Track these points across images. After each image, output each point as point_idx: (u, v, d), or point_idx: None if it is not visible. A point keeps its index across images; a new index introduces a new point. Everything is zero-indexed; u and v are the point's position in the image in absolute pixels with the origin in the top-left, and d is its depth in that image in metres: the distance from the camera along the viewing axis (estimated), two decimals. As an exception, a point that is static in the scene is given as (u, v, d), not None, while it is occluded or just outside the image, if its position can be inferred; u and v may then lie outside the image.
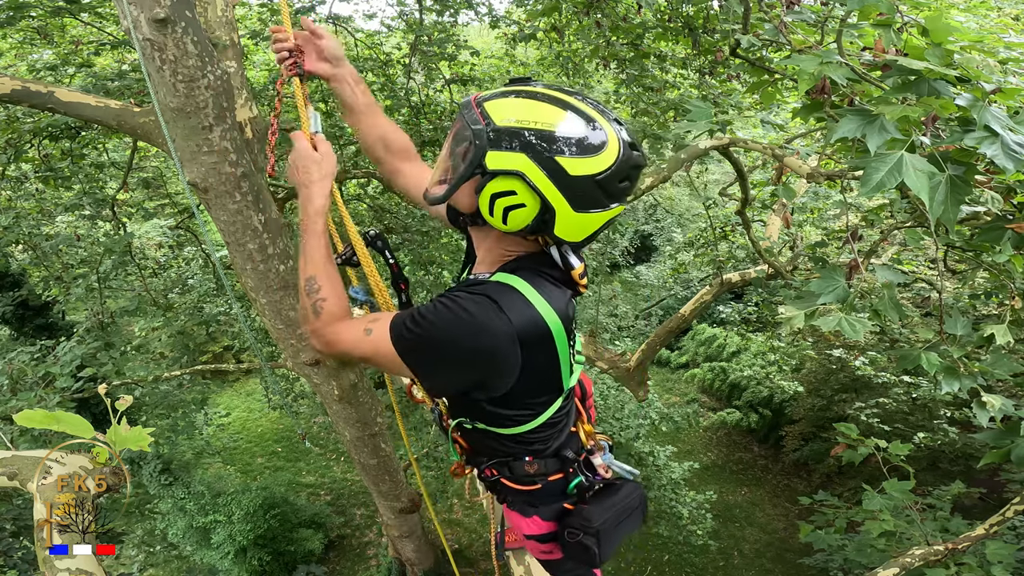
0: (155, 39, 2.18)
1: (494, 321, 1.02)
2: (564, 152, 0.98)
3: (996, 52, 1.67)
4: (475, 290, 1.06)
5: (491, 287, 1.07)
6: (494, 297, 1.03)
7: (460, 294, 1.06)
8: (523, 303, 1.05)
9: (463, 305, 1.03)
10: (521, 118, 1.00)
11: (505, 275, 1.10)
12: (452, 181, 1.07)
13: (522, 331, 1.04)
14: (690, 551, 7.95)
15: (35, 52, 5.30)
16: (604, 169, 1.00)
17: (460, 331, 1.02)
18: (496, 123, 1.00)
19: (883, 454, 3.19)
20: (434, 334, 1.04)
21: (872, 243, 3.68)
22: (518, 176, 0.99)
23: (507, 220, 1.04)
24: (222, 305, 6.92)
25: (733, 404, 10.57)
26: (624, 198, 1.06)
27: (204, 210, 3.13)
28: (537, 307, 1.06)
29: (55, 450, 1.24)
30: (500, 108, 1.02)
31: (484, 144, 1.00)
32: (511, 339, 1.03)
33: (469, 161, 1.02)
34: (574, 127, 1.00)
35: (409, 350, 1.07)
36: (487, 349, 1.03)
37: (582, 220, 1.03)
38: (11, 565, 5.26)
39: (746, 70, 3.29)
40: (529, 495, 1.33)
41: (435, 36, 5.28)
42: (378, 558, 7.73)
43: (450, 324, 1.03)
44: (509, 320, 1.02)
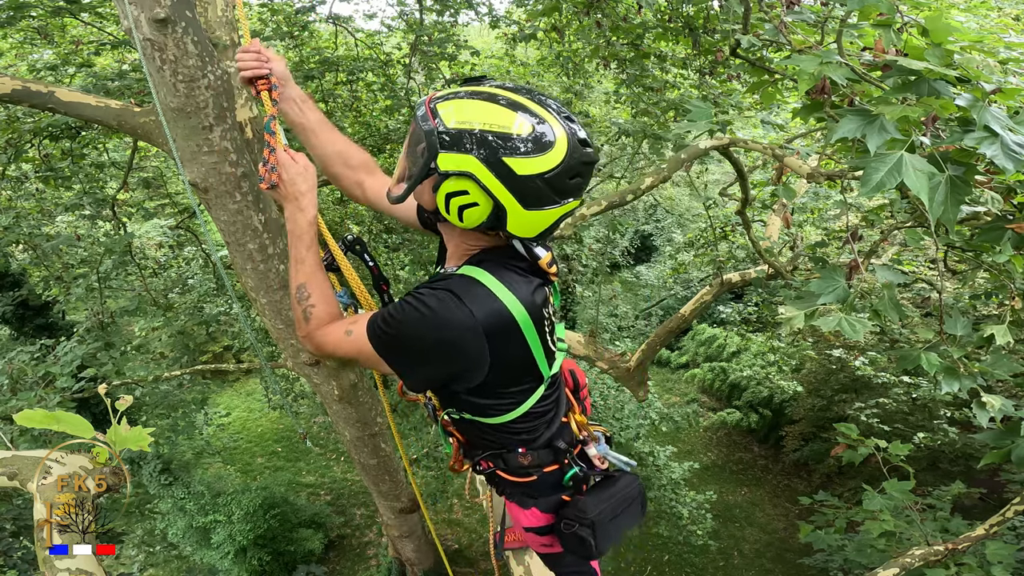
0: (155, 39, 2.18)
1: (456, 314, 1.05)
2: (511, 152, 1.00)
3: (996, 52, 1.67)
4: (438, 285, 1.09)
5: (454, 281, 1.10)
6: (456, 291, 1.07)
7: (424, 290, 1.09)
8: (486, 295, 1.08)
9: (425, 301, 1.07)
10: (470, 119, 1.02)
11: (469, 268, 1.13)
12: (409, 181, 1.11)
13: (486, 323, 1.06)
14: (690, 551, 7.95)
15: (35, 52, 5.30)
16: (552, 168, 1.02)
17: (424, 327, 1.06)
18: (446, 124, 1.03)
19: (883, 454, 3.19)
20: (402, 331, 1.09)
21: (872, 243, 3.68)
22: (468, 176, 1.02)
23: (463, 218, 1.07)
24: (222, 305, 6.92)
25: (733, 404, 10.57)
26: (577, 193, 1.08)
27: (204, 210, 3.13)
28: (501, 297, 1.08)
29: (55, 450, 1.24)
30: (451, 109, 1.04)
31: (435, 145, 1.03)
32: (475, 331, 1.06)
33: (423, 162, 1.05)
34: (522, 127, 1.01)
35: (384, 348, 1.13)
36: (451, 342, 1.06)
37: (533, 217, 1.06)
38: (11, 565, 5.26)
39: (746, 70, 3.29)
40: (526, 487, 1.35)
41: (435, 36, 5.28)
42: (378, 558, 7.73)
43: (415, 320, 1.07)
44: (471, 312, 1.05)
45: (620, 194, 4.20)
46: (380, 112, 5.98)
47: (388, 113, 5.94)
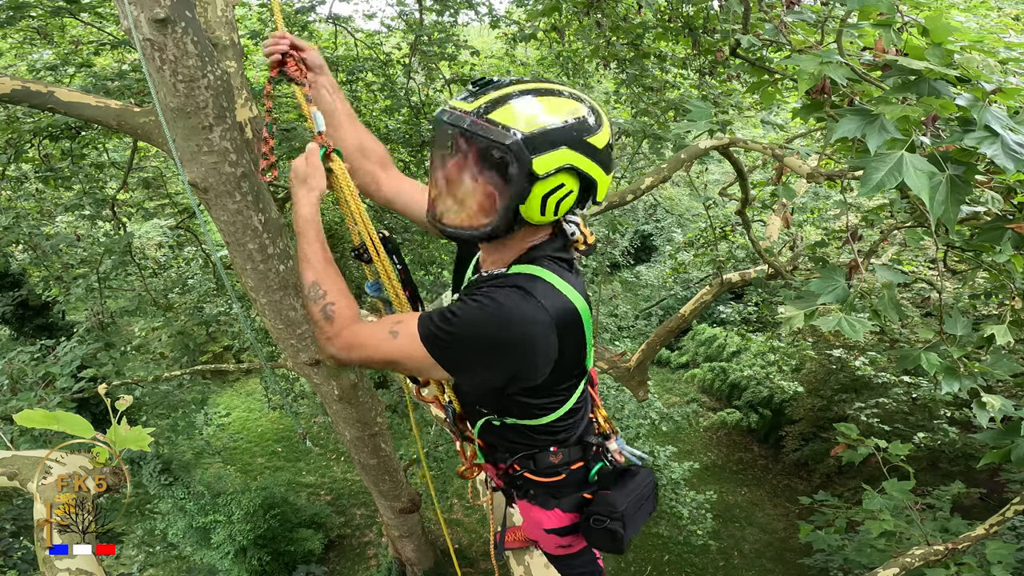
0: (155, 39, 2.18)
1: (529, 310, 1.03)
2: (588, 132, 1.04)
3: (996, 52, 1.67)
4: (502, 283, 1.06)
5: (518, 278, 1.07)
6: (523, 286, 1.04)
7: (489, 288, 1.05)
8: (551, 290, 1.06)
9: (495, 298, 1.03)
10: (548, 116, 1.02)
11: (525, 266, 1.11)
12: (503, 207, 1.04)
13: (557, 317, 1.05)
14: (690, 551, 7.95)
15: (35, 52, 5.30)
16: (610, 135, 1.10)
17: (496, 324, 1.02)
18: (525, 130, 1.00)
19: (883, 454, 3.19)
20: (469, 330, 1.03)
21: (872, 243, 3.68)
22: (566, 170, 1.03)
23: (557, 211, 1.07)
24: (222, 305, 6.92)
25: (733, 404, 10.56)
26: None
27: (204, 210, 3.13)
28: (565, 292, 1.07)
29: (55, 450, 1.24)
30: (516, 115, 1.01)
31: (526, 155, 0.99)
32: (548, 325, 1.04)
33: (517, 178, 1.00)
34: (583, 109, 1.05)
35: (442, 349, 1.06)
36: (524, 338, 1.03)
37: (608, 180, 1.11)
38: (11, 565, 5.26)
39: (746, 70, 3.28)
40: (551, 487, 1.34)
41: (435, 36, 5.28)
42: (378, 558, 7.73)
43: (485, 318, 1.02)
44: (544, 307, 1.03)
45: (620, 194, 4.20)
46: (380, 112, 5.98)
47: (388, 113, 5.94)
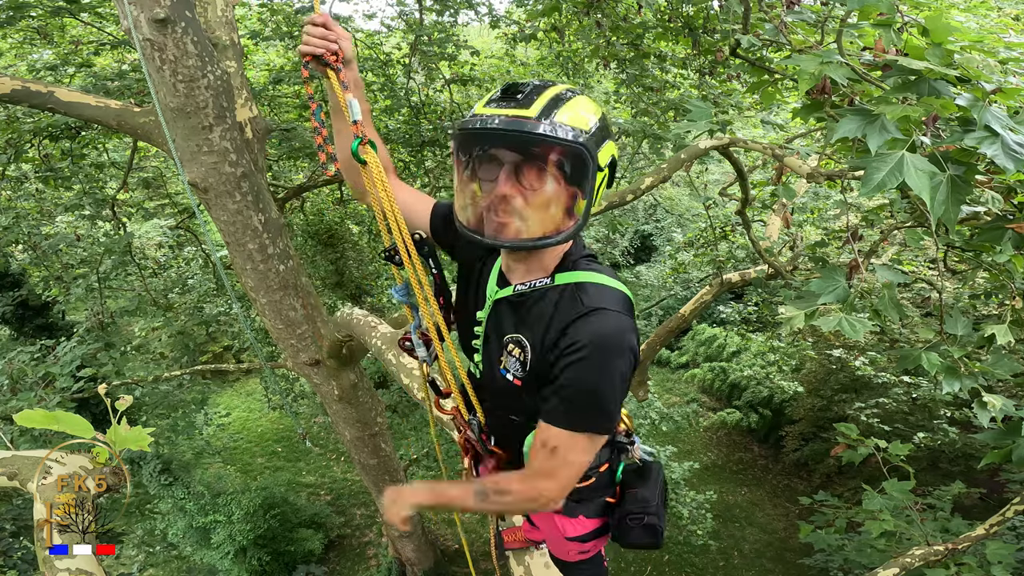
0: (155, 39, 2.18)
1: (621, 329, 1.03)
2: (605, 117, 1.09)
3: (996, 52, 1.67)
4: (579, 310, 1.05)
5: (586, 296, 1.06)
6: (604, 307, 1.04)
7: (576, 328, 1.03)
8: (613, 293, 1.08)
9: (598, 346, 1.02)
10: (590, 115, 1.04)
11: (576, 275, 1.11)
12: (587, 205, 1.06)
13: (630, 314, 1.08)
14: (690, 551, 7.94)
15: (35, 52, 5.30)
16: None
17: (614, 355, 1.02)
18: (587, 129, 1.02)
19: (883, 454, 3.19)
20: (612, 390, 1.04)
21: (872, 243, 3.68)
22: (612, 161, 1.09)
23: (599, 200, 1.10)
24: (222, 305, 6.92)
25: (733, 404, 10.56)
26: None
27: (204, 210, 3.13)
28: (620, 288, 1.10)
29: (55, 450, 1.24)
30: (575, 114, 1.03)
31: (595, 152, 1.03)
32: (632, 328, 1.06)
33: (592, 175, 1.03)
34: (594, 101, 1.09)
35: (594, 418, 1.07)
36: (632, 353, 1.05)
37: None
38: (11, 565, 5.26)
39: (746, 70, 3.28)
40: (579, 492, 1.33)
41: (435, 36, 5.28)
42: (378, 558, 7.72)
43: (608, 376, 1.02)
44: (622, 314, 1.05)
45: (620, 194, 4.20)
46: (380, 112, 5.98)
47: (388, 113, 5.94)
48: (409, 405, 8.35)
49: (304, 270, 3.67)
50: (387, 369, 2.92)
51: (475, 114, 1.05)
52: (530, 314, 1.13)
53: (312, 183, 6.55)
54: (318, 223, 7.96)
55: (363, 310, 3.50)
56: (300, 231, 7.85)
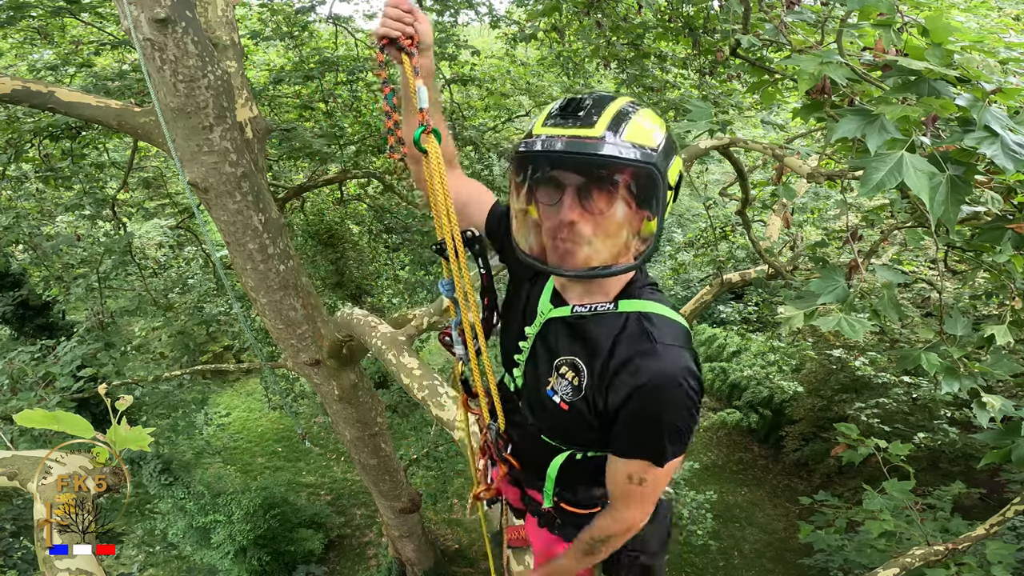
0: (155, 39, 2.18)
1: (686, 365, 1.00)
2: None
3: (996, 52, 1.67)
4: (646, 347, 1.01)
5: (649, 329, 1.02)
6: (667, 343, 1.01)
7: (645, 366, 1.00)
8: (674, 324, 1.04)
9: (664, 372, 0.99)
10: (656, 131, 0.99)
11: (640, 304, 1.06)
12: (659, 227, 1.01)
13: (694, 352, 1.04)
14: (690, 551, 7.95)
15: (35, 52, 5.30)
16: None
17: (687, 399, 1.00)
18: (654, 147, 0.96)
19: (883, 454, 3.19)
20: (681, 422, 1.02)
21: (872, 243, 3.68)
22: (679, 179, 1.04)
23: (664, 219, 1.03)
24: (222, 305, 6.93)
25: (733, 404, 10.56)
26: None
27: (204, 210, 3.13)
28: (679, 320, 1.06)
29: (55, 450, 1.24)
30: (641, 132, 0.97)
31: (665, 170, 0.97)
32: (698, 364, 1.03)
33: (663, 196, 0.99)
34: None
35: (675, 453, 1.06)
36: (699, 388, 1.03)
37: None
38: (11, 565, 5.26)
39: (746, 70, 3.28)
40: (583, 518, 1.29)
41: (435, 36, 5.28)
42: (378, 558, 7.73)
43: (682, 403, 1.00)
44: (686, 350, 1.02)
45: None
46: (380, 112, 5.98)
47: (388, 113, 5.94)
48: (409, 405, 8.35)
49: (304, 270, 3.68)
50: (387, 369, 2.92)
51: (535, 134, 0.98)
52: (589, 339, 1.09)
53: (312, 183, 6.55)
54: (318, 223, 7.97)
55: (363, 310, 3.50)
56: (300, 231, 7.86)
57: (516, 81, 6.97)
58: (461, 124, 5.88)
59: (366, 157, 6.14)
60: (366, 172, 6.21)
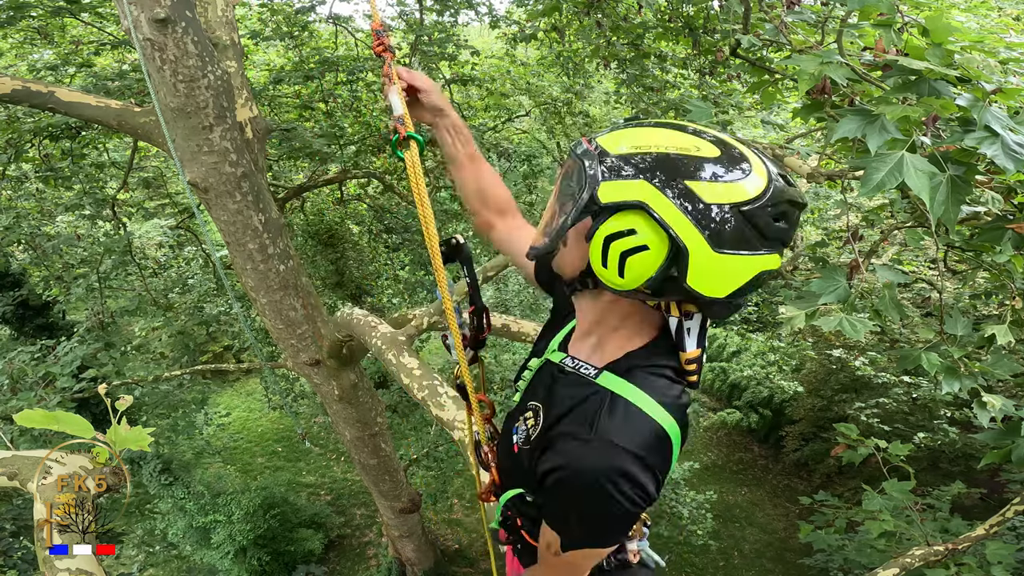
0: (155, 39, 2.18)
1: (640, 478, 0.88)
2: (695, 176, 0.79)
3: (997, 52, 1.67)
4: (600, 445, 0.89)
5: (613, 420, 0.90)
6: (624, 445, 0.87)
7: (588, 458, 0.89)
8: (642, 420, 0.89)
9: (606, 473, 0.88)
10: (639, 144, 0.84)
11: (615, 380, 0.94)
12: (557, 226, 0.89)
13: (657, 464, 0.90)
14: (690, 551, 7.95)
15: (35, 52, 5.31)
16: (752, 198, 0.79)
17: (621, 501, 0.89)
18: (611, 152, 0.85)
19: (883, 454, 3.19)
20: (605, 524, 0.94)
21: (872, 243, 3.67)
22: (639, 208, 0.80)
23: (624, 271, 0.83)
24: (222, 305, 6.93)
25: (733, 404, 10.56)
26: (781, 244, 0.84)
27: (204, 210, 3.13)
28: (658, 419, 0.90)
29: (55, 450, 1.24)
30: (615, 138, 0.88)
31: (596, 176, 0.83)
32: (650, 473, 0.89)
33: (580, 199, 0.84)
34: (707, 149, 0.82)
35: (583, 544, 0.98)
36: (639, 503, 0.91)
37: (725, 264, 0.81)
38: (11, 565, 5.27)
39: (746, 70, 3.28)
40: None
41: (435, 36, 5.28)
42: (378, 558, 7.73)
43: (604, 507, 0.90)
44: (641, 458, 0.87)
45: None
46: (380, 112, 5.98)
47: (388, 113, 5.94)
48: (409, 405, 8.35)
49: (304, 270, 3.68)
50: (387, 369, 2.92)
51: None
52: (556, 394, 1.03)
53: (312, 183, 6.55)
54: (318, 223, 7.97)
55: (363, 310, 3.50)
56: (300, 231, 7.86)
57: (516, 81, 6.97)
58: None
59: (366, 157, 6.14)
60: (366, 172, 6.21)
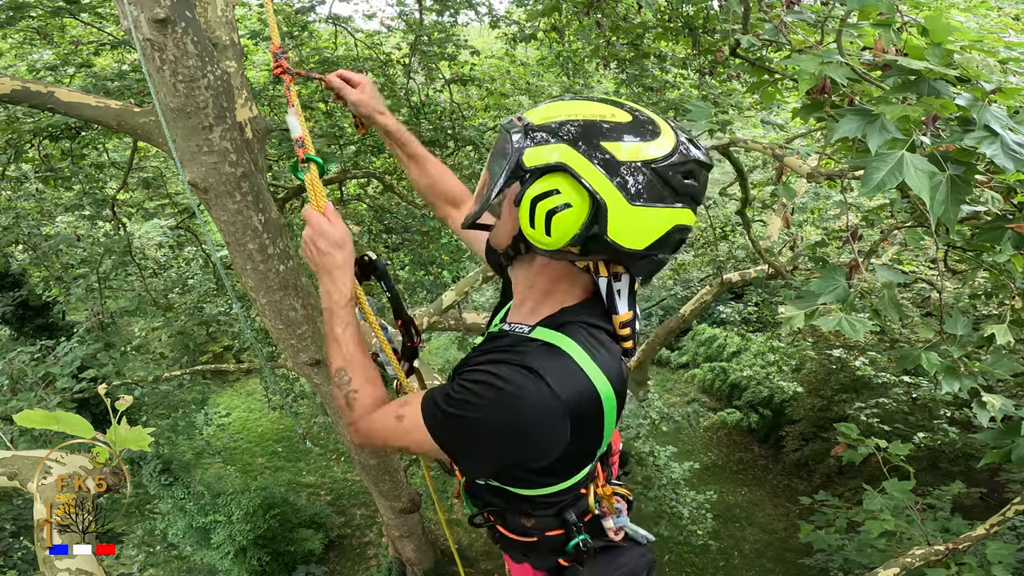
0: (155, 39, 2.18)
1: (538, 396, 0.90)
2: (610, 137, 0.88)
3: (996, 52, 1.67)
4: (513, 358, 0.94)
5: (533, 353, 0.94)
6: (536, 367, 0.91)
7: (498, 366, 0.93)
8: (572, 370, 0.93)
9: (501, 376, 0.91)
10: (560, 113, 0.92)
11: (548, 332, 0.97)
12: (486, 193, 0.96)
13: (572, 405, 0.92)
14: (690, 551, 7.95)
15: (35, 52, 5.30)
16: (661, 156, 0.88)
17: (499, 410, 0.91)
18: (535, 122, 0.93)
19: (883, 454, 3.19)
20: (472, 414, 0.92)
21: (872, 243, 3.68)
22: (561, 170, 0.87)
23: (551, 229, 0.89)
24: (222, 305, 6.93)
25: (733, 404, 10.57)
26: (692, 200, 0.92)
27: (204, 210, 3.13)
28: (588, 373, 0.93)
29: (55, 450, 1.24)
30: (539, 111, 0.96)
31: (521, 144, 0.91)
32: (560, 415, 0.91)
33: (506, 166, 0.91)
34: (620, 115, 0.91)
35: (444, 434, 0.97)
36: (531, 428, 0.92)
37: (641, 217, 0.88)
38: (11, 565, 5.26)
39: (746, 70, 3.29)
40: (524, 546, 1.23)
41: (435, 36, 5.28)
42: (378, 558, 7.72)
43: (490, 403, 0.91)
44: (556, 395, 0.90)
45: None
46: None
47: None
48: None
49: (304, 270, 3.67)
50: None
51: None
52: (491, 346, 1.06)
53: (312, 183, 6.54)
54: (318, 223, 7.94)
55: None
56: (300, 231, 7.85)
57: (516, 81, 6.97)
58: (461, 124, 5.87)
59: (366, 157, 6.14)
60: (366, 172, 6.21)
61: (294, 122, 1.24)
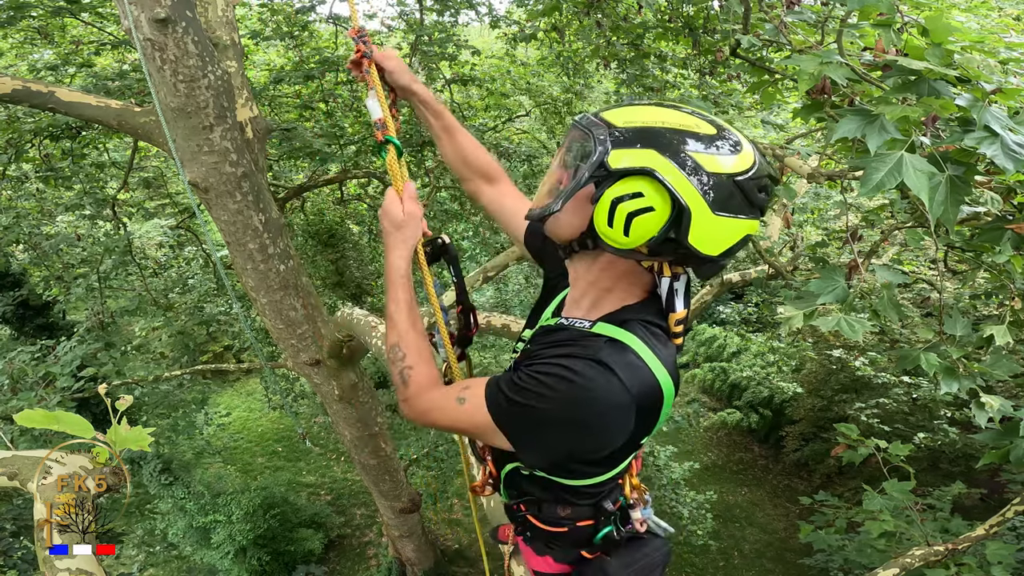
0: (156, 39, 2.18)
1: (610, 388, 0.92)
2: (698, 148, 0.90)
3: (997, 52, 1.67)
4: (587, 353, 0.95)
5: (602, 347, 0.96)
6: (609, 363, 0.93)
7: (571, 360, 0.94)
8: (638, 364, 0.95)
9: (574, 370, 0.93)
10: (645, 119, 0.93)
11: (611, 327, 0.99)
12: (567, 188, 0.96)
13: (640, 398, 0.95)
14: (690, 551, 7.95)
15: (36, 52, 5.30)
16: (744, 170, 0.91)
17: (574, 403, 0.93)
18: (616, 124, 0.93)
19: (883, 454, 3.19)
20: (543, 405, 0.94)
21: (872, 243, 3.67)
22: (647, 174, 0.89)
23: (630, 231, 0.91)
24: (222, 305, 6.93)
25: (733, 404, 10.56)
26: (760, 211, 0.95)
27: (204, 210, 3.13)
28: (653, 369, 0.96)
29: (55, 450, 1.24)
30: (617, 113, 0.96)
31: (607, 144, 0.91)
32: (628, 408, 0.94)
33: (590, 164, 0.92)
34: (706, 127, 0.93)
35: (509, 422, 0.99)
36: (601, 420, 0.95)
37: (722, 226, 0.91)
38: (11, 565, 5.26)
39: (746, 70, 3.28)
40: (552, 536, 1.25)
41: (435, 36, 5.28)
42: (378, 558, 7.72)
43: (563, 396, 0.93)
44: (627, 389, 0.93)
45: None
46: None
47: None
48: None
49: (304, 270, 3.68)
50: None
51: None
52: (551, 340, 1.08)
53: (312, 183, 6.55)
54: (318, 223, 7.97)
55: (363, 310, 3.50)
56: (300, 231, 7.86)
57: (516, 81, 6.97)
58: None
59: (366, 157, 6.14)
60: (366, 172, 6.21)
61: (374, 105, 1.25)
